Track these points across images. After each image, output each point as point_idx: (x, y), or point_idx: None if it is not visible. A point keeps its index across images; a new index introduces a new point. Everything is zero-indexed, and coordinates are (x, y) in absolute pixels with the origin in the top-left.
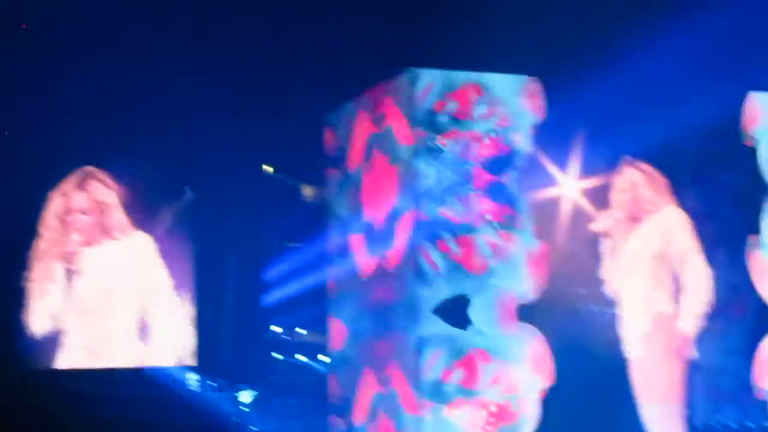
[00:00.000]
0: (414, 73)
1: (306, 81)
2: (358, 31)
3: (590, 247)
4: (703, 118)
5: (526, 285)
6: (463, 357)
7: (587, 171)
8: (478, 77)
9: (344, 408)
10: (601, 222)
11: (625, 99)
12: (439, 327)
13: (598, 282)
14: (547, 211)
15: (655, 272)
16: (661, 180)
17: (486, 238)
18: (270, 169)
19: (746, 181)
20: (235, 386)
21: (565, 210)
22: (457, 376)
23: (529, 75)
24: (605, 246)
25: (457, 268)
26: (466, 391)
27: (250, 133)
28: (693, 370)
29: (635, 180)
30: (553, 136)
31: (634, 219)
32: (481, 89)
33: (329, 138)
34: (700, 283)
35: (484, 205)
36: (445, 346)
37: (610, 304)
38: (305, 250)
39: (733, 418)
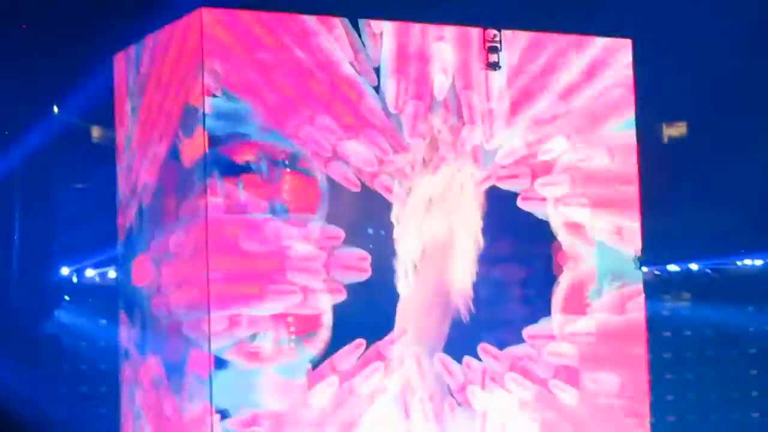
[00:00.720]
0: (204, 12)
1: (95, 18)
2: None
3: None
4: None
5: None
6: None
7: None
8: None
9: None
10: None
11: None
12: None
13: None
14: None
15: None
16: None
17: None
18: (57, 110)
19: None
20: (24, 329)
21: None
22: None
23: None
24: (397, 187)
25: (251, 201)
26: None
27: (38, 73)
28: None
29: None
30: None
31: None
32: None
33: (119, 77)
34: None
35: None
36: None
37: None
38: (95, 191)
39: None
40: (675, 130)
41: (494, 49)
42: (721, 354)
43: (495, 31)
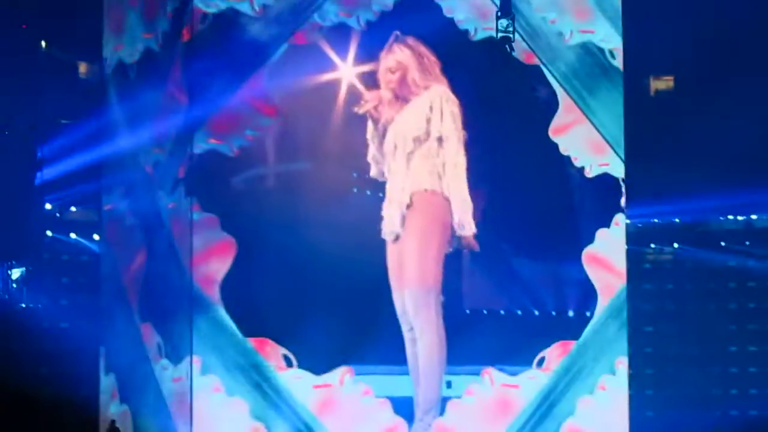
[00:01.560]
0: None
1: None
2: None
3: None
4: None
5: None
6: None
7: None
8: None
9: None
10: (367, 103)
11: None
12: None
13: (367, 166)
14: (322, 96)
15: (416, 152)
16: (432, 59)
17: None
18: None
19: None
20: (6, 263)
21: (341, 94)
22: None
23: None
24: (371, 128)
25: None
26: None
27: (25, 8)
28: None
29: (403, 59)
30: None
31: (403, 99)
32: None
33: (109, 15)
34: (458, 169)
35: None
36: None
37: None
38: (81, 127)
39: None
40: (662, 83)
41: (507, 39)
42: (701, 309)
43: (508, 21)
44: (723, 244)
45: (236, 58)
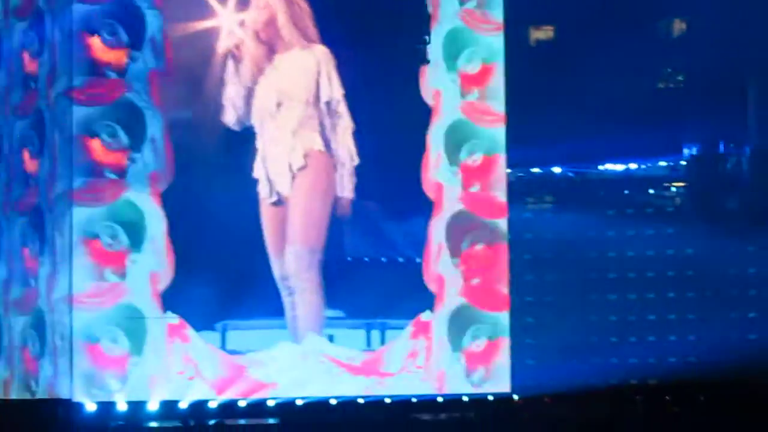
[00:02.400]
0: None
1: None
2: None
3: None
4: None
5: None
6: None
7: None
8: None
9: None
10: (227, 40)
11: None
12: None
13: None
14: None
15: (303, 112)
16: (304, 7)
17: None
18: None
19: None
20: None
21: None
22: None
23: None
24: (232, 68)
25: None
26: None
27: None
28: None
29: (273, 3)
30: None
31: (269, 46)
32: None
33: None
34: (345, 135)
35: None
36: None
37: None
38: None
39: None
40: (542, 33)
41: None
42: (580, 257)
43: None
44: (602, 193)
45: None
